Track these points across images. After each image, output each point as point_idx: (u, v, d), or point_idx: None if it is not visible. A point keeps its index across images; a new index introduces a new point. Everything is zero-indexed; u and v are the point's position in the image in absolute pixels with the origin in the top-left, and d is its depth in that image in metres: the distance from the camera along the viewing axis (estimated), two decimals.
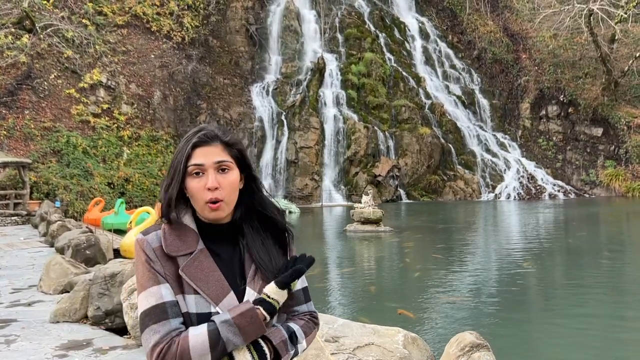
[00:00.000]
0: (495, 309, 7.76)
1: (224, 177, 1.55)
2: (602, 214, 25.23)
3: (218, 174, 1.54)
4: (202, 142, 1.55)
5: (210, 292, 1.49)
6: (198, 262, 1.51)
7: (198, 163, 1.53)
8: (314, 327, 1.69)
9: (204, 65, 38.28)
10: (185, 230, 1.56)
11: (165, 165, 31.89)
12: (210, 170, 1.53)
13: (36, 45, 30.14)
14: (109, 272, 6.20)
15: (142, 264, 1.52)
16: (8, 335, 5.45)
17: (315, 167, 35.82)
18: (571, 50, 41.11)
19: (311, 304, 1.72)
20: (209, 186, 1.51)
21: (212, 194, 1.51)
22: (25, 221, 21.73)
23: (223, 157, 1.56)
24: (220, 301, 1.49)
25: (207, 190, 1.51)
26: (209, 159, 1.53)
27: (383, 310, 7.90)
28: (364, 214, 17.68)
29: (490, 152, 39.94)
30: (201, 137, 1.56)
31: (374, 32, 44.08)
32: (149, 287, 1.48)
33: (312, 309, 1.72)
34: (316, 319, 1.71)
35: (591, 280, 9.72)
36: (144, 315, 1.45)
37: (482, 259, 12.33)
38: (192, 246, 1.53)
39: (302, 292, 1.69)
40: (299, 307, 1.68)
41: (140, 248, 1.54)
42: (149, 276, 1.49)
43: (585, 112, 39.15)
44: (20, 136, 27.36)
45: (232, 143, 1.59)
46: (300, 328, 1.62)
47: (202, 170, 1.53)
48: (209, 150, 1.54)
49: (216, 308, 1.48)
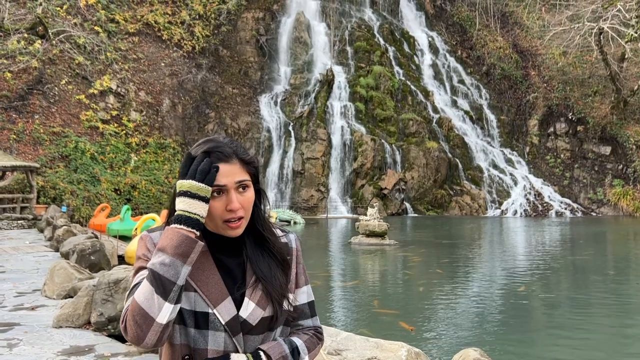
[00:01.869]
0: (499, 326, 7.70)
1: (243, 196, 1.52)
2: (609, 233, 25.05)
3: (238, 192, 1.51)
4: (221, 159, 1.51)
5: (209, 294, 1.48)
6: (199, 262, 1.49)
7: (220, 185, 1.48)
8: (317, 343, 1.66)
9: (213, 74, 38.52)
10: None
11: (172, 173, 31.98)
12: (232, 190, 1.49)
13: (48, 51, 30.45)
14: (113, 278, 6.20)
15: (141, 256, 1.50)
16: (10, 339, 5.44)
17: (322, 178, 35.83)
18: (580, 68, 41.09)
19: (317, 319, 1.70)
20: (231, 208, 1.48)
21: (234, 215, 1.49)
22: (31, 225, 21.81)
23: (243, 176, 1.52)
24: (218, 305, 1.48)
25: (227, 210, 1.48)
26: (230, 179, 1.49)
27: (386, 324, 7.85)
28: (369, 227, 17.63)
29: (497, 168, 39.83)
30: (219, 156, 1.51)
31: (383, 45, 44.25)
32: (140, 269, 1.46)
33: (317, 324, 1.70)
34: (321, 335, 1.69)
35: (597, 300, 9.63)
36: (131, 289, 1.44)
37: (486, 275, 12.25)
38: None
39: (307, 306, 1.67)
40: (304, 321, 1.66)
41: (143, 243, 1.52)
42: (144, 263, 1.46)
43: (594, 130, 39.03)
44: (30, 140, 27.55)
45: (250, 162, 1.56)
46: (303, 343, 1.59)
47: (223, 190, 1.49)
48: (229, 170, 1.50)
49: (213, 310, 1.47)
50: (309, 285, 1.72)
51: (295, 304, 1.64)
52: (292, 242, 1.70)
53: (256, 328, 1.51)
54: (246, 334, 1.50)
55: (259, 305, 1.52)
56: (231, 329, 1.48)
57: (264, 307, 1.52)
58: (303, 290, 1.68)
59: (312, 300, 1.69)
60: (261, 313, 1.52)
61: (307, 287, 1.70)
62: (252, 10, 42.60)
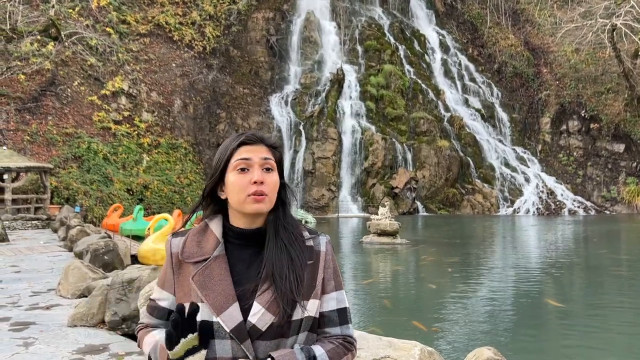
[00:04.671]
0: (512, 325, 7.66)
1: (268, 175, 1.55)
2: (623, 231, 24.80)
3: (263, 172, 1.55)
4: (249, 140, 1.57)
5: (214, 302, 1.46)
6: (210, 270, 1.50)
7: (245, 157, 1.54)
8: (345, 353, 1.55)
9: (224, 74, 38.64)
10: (208, 235, 1.57)
11: (184, 173, 32.15)
12: (257, 166, 1.54)
13: (61, 53, 30.71)
14: (126, 277, 6.24)
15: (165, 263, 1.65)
16: (27, 337, 5.50)
17: (332, 177, 35.81)
18: (593, 65, 40.68)
19: (347, 328, 1.60)
20: (256, 179, 1.52)
21: (257, 187, 1.51)
22: (45, 225, 22.01)
23: (268, 154, 1.58)
24: (222, 312, 1.45)
25: (252, 184, 1.52)
26: (256, 155, 1.55)
27: (398, 323, 7.84)
28: (381, 226, 17.59)
29: (509, 166, 39.57)
30: (249, 137, 1.58)
31: (394, 44, 44.13)
32: (158, 285, 1.65)
33: (347, 333, 1.59)
34: (351, 344, 1.58)
35: (611, 299, 9.54)
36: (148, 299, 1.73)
37: (498, 274, 12.18)
38: (208, 252, 1.53)
39: (336, 313, 1.58)
40: (331, 329, 1.58)
41: (166, 249, 1.64)
42: (162, 276, 1.64)
43: (607, 128, 38.64)
44: (43, 142, 27.81)
45: (276, 146, 1.62)
46: (325, 353, 1.50)
47: (248, 165, 1.54)
48: (255, 148, 1.57)
49: (217, 318, 1.45)
50: (341, 291, 1.63)
51: (322, 311, 1.57)
52: (321, 245, 1.64)
53: (266, 333, 1.46)
54: (257, 339, 1.46)
55: (268, 310, 1.46)
56: (237, 336, 1.44)
57: (274, 313, 1.46)
58: (332, 296, 1.59)
59: (344, 308, 1.61)
60: (271, 318, 1.46)
61: (338, 293, 1.61)
62: (262, 10, 42.68)
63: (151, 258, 10.93)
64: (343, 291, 1.64)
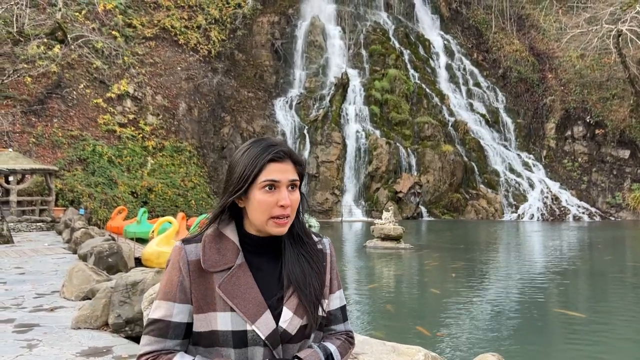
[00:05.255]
0: (517, 331, 7.62)
1: (292, 195, 1.53)
2: (628, 237, 24.69)
3: (288, 191, 1.53)
4: (278, 158, 1.53)
5: (246, 310, 1.46)
6: (236, 278, 1.49)
7: (275, 179, 1.50)
8: (349, 347, 1.67)
9: (229, 78, 38.75)
10: (226, 243, 1.55)
11: (188, 176, 32.19)
12: (284, 187, 1.52)
13: (67, 56, 30.87)
14: (130, 280, 6.25)
15: (170, 272, 1.52)
16: (30, 339, 5.51)
17: (336, 181, 35.81)
18: (598, 70, 40.62)
19: (348, 324, 1.71)
20: (284, 204, 1.50)
21: (283, 211, 1.50)
22: (50, 227, 22.08)
23: (295, 176, 1.55)
24: (257, 320, 1.46)
25: (278, 207, 1.50)
26: (285, 176, 1.52)
27: (402, 328, 7.82)
28: (384, 231, 17.56)
29: (513, 171, 39.49)
30: (279, 154, 1.53)
31: (399, 48, 44.18)
32: (166, 299, 1.50)
33: (348, 328, 1.70)
34: (352, 339, 1.69)
35: (616, 306, 9.49)
36: (150, 322, 1.50)
37: (503, 279, 12.14)
38: (230, 260, 1.51)
39: (340, 310, 1.67)
40: (337, 326, 1.67)
41: (176, 257, 1.53)
42: (170, 289, 1.50)
43: (612, 134, 38.55)
44: (48, 144, 27.92)
45: (301, 163, 1.59)
46: (337, 348, 1.59)
47: (276, 185, 1.51)
48: (284, 168, 1.53)
49: (252, 326, 1.45)
50: (341, 289, 1.71)
51: (329, 309, 1.64)
52: (327, 247, 1.69)
53: (295, 337, 1.50)
54: (285, 343, 1.49)
55: (296, 314, 1.51)
56: (271, 342, 1.46)
57: (301, 316, 1.51)
58: (336, 295, 1.67)
59: (344, 305, 1.70)
60: (299, 322, 1.51)
61: (340, 291, 1.70)
62: (267, 14, 42.82)
63: (155, 261, 10.94)
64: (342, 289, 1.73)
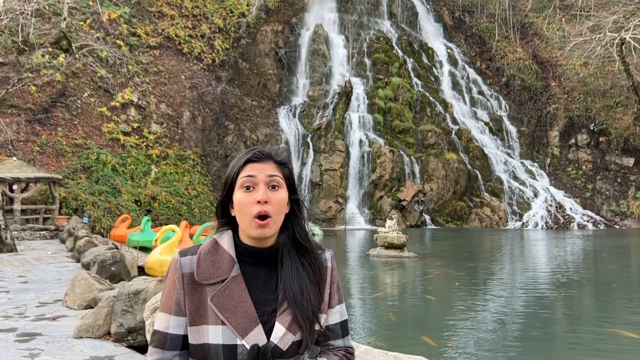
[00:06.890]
0: (521, 341, 7.57)
1: (273, 194, 1.53)
2: (633, 246, 24.56)
3: (268, 190, 1.53)
4: (255, 158, 1.56)
5: (237, 324, 1.45)
6: (229, 291, 1.48)
7: (250, 174, 1.52)
8: None
9: (232, 87, 38.88)
10: (222, 254, 1.54)
11: (192, 184, 32.25)
12: (262, 184, 1.52)
13: (71, 65, 31.05)
14: (133, 289, 6.24)
15: (168, 285, 1.54)
16: (32, 348, 5.50)
17: (340, 190, 35.80)
18: (602, 78, 40.61)
19: (348, 339, 1.66)
20: (259, 199, 1.49)
21: (261, 207, 1.49)
22: (53, 236, 22.11)
23: (275, 172, 1.56)
24: (247, 334, 1.45)
25: (256, 203, 1.49)
26: (262, 172, 1.53)
27: (404, 337, 7.77)
28: (388, 239, 17.51)
29: (517, 179, 39.40)
30: (256, 154, 1.56)
31: (402, 57, 44.28)
32: (164, 311, 1.54)
33: (348, 344, 1.65)
34: (352, 355, 1.64)
35: (622, 316, 9.42)
36: (152, 333, 1.55)
37: (507, 288, 12.08)
38: (225, 272, 1.50)
39: (339, 325, 1.63)
40: (335, 341, 1.62)
41: (173, 269, 1.55)
42: (167, 301, 1.54)
43: (617, 142, 38.47)
44: (52, 152, 28.03)
45: (284, 162, 1.60)
46: None
47: (253, 183, 1.52)
48: (262, 166, 1.55)
49: (242, 341, 1.44)
50: (342, 304, 1.67)
51: (327, 324, 1.60)
52: (328, 261, 1.67)
53: (287, 352, 1.48)
54: (277, 359, 1.47)
55: (289, 330, 1.48)
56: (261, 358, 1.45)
57: (294, 332, 1.48)
58: (336, 310, 1.64)
59: (345, 320, 1.66)
60: (292, 338, 1.48)
61: (340, 306, 1.66)
62: (271, 23, 43.02)
63: (158, 269, 10.94)
64: (343, 304, 1.69)
